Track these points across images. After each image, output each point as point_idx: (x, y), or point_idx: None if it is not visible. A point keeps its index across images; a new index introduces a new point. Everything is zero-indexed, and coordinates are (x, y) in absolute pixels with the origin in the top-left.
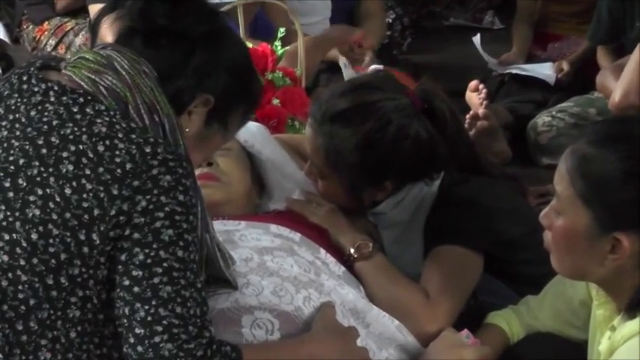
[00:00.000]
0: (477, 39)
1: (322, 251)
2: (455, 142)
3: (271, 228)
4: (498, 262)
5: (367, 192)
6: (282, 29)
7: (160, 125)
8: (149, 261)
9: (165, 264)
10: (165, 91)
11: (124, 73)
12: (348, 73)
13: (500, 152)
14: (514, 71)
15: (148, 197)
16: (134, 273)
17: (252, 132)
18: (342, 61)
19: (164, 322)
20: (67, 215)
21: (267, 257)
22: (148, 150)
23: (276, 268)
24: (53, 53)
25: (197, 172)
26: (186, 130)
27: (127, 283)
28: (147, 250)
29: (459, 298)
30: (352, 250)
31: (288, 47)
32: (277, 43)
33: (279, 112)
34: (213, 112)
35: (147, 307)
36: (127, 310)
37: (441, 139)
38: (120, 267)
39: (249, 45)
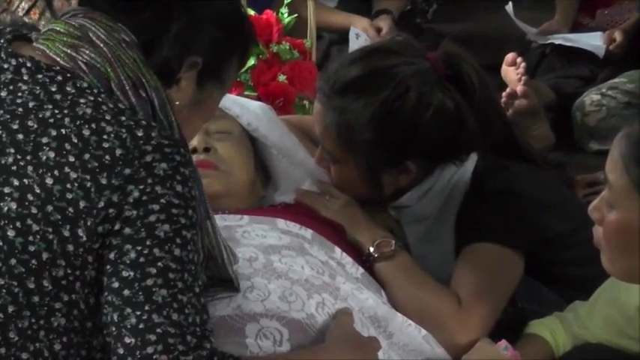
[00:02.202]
0: (509, 7)
1: (337, 250)
2: (486, 115)
3: (278, 223)
4: (541, 262)
5: (387, 175)
6: None
7: (149, 102)
8: (142, 260)
9: (160, 263)
10: (149, 61)
11: (101, 45)
12: (358, 44)
13: (542, 136)
14: (557, 42)
15: (141, 187)
16: (124, 274)
17: (255, 113)
18: (354, 30)
19: (158, 330)
20: (49, 208)
21: (274, 257)
22: (140, 134)
23: (285, 270)
24: (25, 19)
25: (193, 159)
26: (177, 103)
27: (116, 285)
28: (139, 248)
29: (495, 305)
30: (372, 249)
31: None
32: (283, 10)
33: (285, 90)
34: (204, 72)
35: (139, 313)
36: (115, 317)
37: (469, 111)
38: (108, 267)
39: (251, 12)
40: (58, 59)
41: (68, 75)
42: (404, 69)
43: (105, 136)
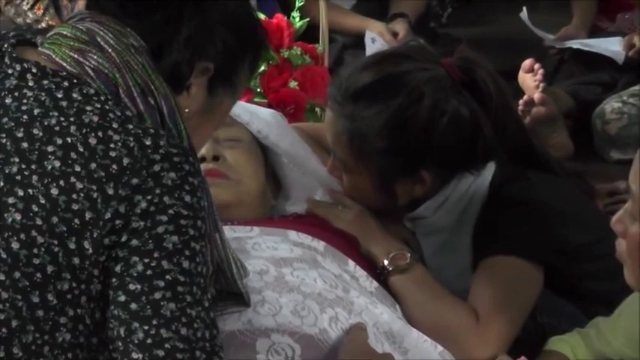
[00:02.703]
0: (524, 14)
1: (351, 263)
2: (502, 122)
3: (290, 235)
4: (561, 276)
5: (401, 185)
6: None
7: (157, 109)
8: (149, 272)
9: (168, 276)
10: (158, 67)
11: (109, 50)
12: (375, 48)
13: (560, 144)
14: (575, 47)
15: (149, 197)
16: (131, 287)
17: (266, 121)
18: (370, 35)
19: (167, 345)
20: (54, 220)
21: (285, 270)
22: (148, 142)
23: (297, 283)
24: (29, 13)
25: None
26: (186, 110)
27: (122, 298)
28: (147, 260)
29: (515, 320)
30: (386, 262)
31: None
32: (295, 14)
33: (296, 97)
34: (215, 78)
35: (146, 328)
36: (122, 331)
37: (485, 118)
38: (114, 280)
39: (261, 16)
40: (65, 64)
41: (75, 81)
42: (418, 75)
43: (112, 145)
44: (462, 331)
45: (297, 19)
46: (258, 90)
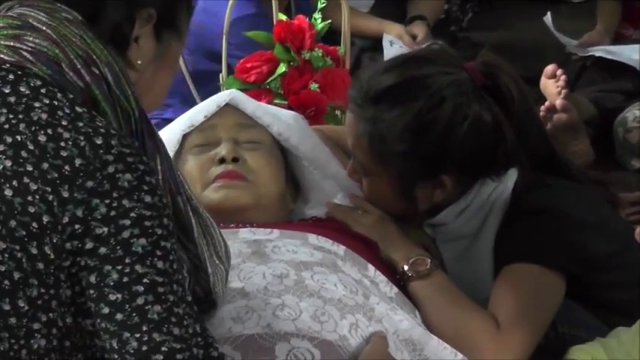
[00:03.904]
0: (547, 19)
1: (371, 268)
2: (525, 128)
3: (310, 238)
4: (583, 285)
5: (421, 190)
6: None
7: (103, 79)
8: (126, 279)
9: (145, 280)
10: (97, 32)
11: (44, 28)
12: (393, 52)
13: (581, 152)
14: (598, 54)
15: (107, 201)
16: (112, 297)
17: (287, 123)
18: (388, 37)
19: (163, 348)
20: (12, 224)
21: (305, 274)
22: (99, 142)
23: (317, 288)
24: None
25: (220, 169)
26: (139, 62)
27: (106, 310)
28: (120, 267)
29: (535, 329)
30: (406, 267)
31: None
32: (317, 15)
33: (317, 99)
34: (159, 23)
35: (138, 336)
36: (115, 344)
37: (507, 123)
38: (92, 292)
39: (282, 17)
40: (2, 55)
41: (19, 72)
42: (440, 79)
43: (62, 144)
44: (482, 340)
45: (319, 20)
46: (279, 91)
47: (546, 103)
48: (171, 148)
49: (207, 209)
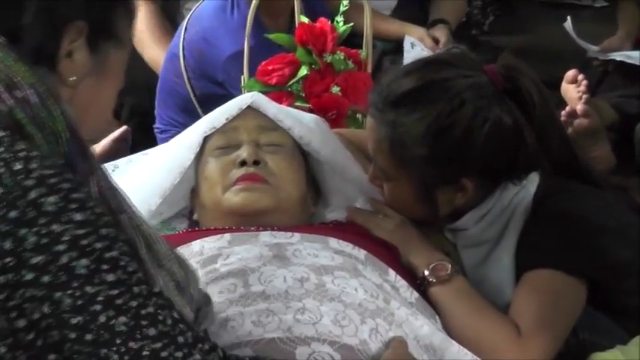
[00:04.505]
0: (568, 24)
1: (391, 273)
2: (545, 132)
3: (331, 242)
4: (603, 291)
5: (442, 194)
6: (345, 2)
7: (26, 101)
8: (80, 302)
9: (100, 297)
10: (20, 53)
11: None
12: (414, 54)
13: (602, 157)
14: (619, 59)
15: (36, 229)
16: (73, 321)
17: (308, 127)
18: (409, 40)
19: (144, 353)
20: None
21: (326, 278)
22: (18, 167)
23: (338, 292)
24: None
25: (241, 172)
26: (72, 78)
27: (73, 335)
28: (70, 292)
29: (556, 335)
30: (426, 272)
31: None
32: (339, 18)
33: (339, 102)
34: (92, 33)
35: (115, 349)
36: None
37: (528, 127)
38: (51, 321)
39: (304, 20)
40: None
41: None
42: (460, 82)
43: None
44: (502, 346)
45: (341, 23)
46: (300, 94)
47: (567, 108)
48: (192, 149)
49: (228, 212)
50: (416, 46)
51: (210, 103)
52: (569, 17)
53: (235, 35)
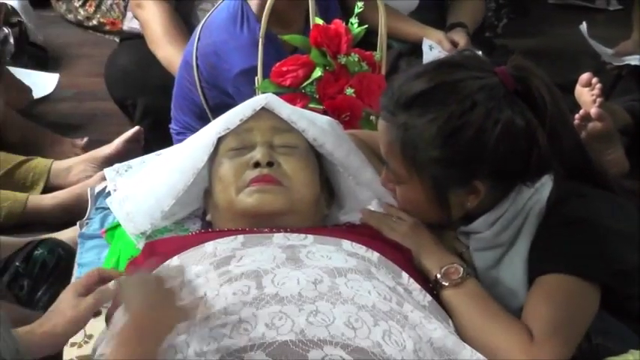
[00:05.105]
0: (583, 27)
1: (405, 276)
2: (557, 133)
3: (344, 245)
4: (616, 296)
5: (455, 196)
6: (360, 3)
7: None
8: None
9: None
10: None
11: None
12: (432, 57)
13: (616, 161)
14: (633, 63)
15: None
16: None
17: (322, 129)
18: (427, 42)
19: None
20: None
21: (339, 280)
22: None
23: (351, 295)
24: (80, 10)
25: (255, 173)
26: None
27: None
28: None
29: (570, 340)
30: (439, 276)
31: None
32: (353, 20)
33: (352, 104)
34: None
35: None
36: None
37: (541, 129)
38: None
39: (319, 22)
40: None
41: None
42: (471, 83)
43: None
44: (514, 350)
45: (356, 25)
46: (314, 96)
47: (581, 112)
48: (206, 150)
49: (242, 213)
50: (434, 49)
51: (222, 112)
52: (584, 22)
53: (245, 51)
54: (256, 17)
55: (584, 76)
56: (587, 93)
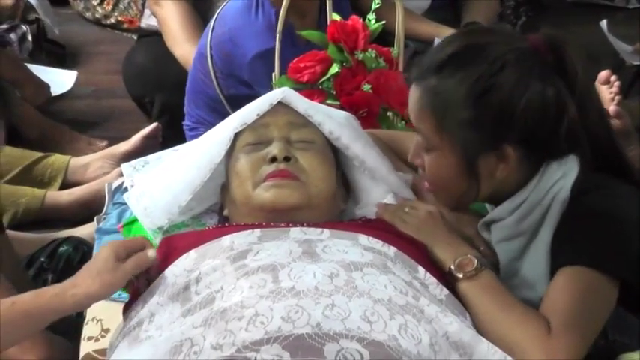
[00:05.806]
0: (603, 24)
1: (421, 270)
2: (585, 108)
3: (360, 239)
4: (634, 292)
5: (484, 163)
6: (377, 0)
7: None
8: None
9: None
10: None
11: None
12: None
13: (633, 159)
14: None
15: None
16: None
17: (339, 122)
18: (439, 40)
19: None
20: None
21: (356, 274)
22: None
23: (368, 288)
24: (98, 8)
25: (272, 168)
26: None
27: None
28: None
29: (587, 335)
30: (453, 267)
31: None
32: (371, 16)
33: (370, 100)
34: None
35: None
36: None
37: (571, 100)
38: None
39: (336, 17)
40: None
41: None
42: (502, 47)
43: None
44: (531, 343)
45: (373, 21)
46: (332, 92)
47: None
48: (222, 146)
49: (258, 208)
50: None
51: (238, 103)
52: (604, 19)
53: (260, 35)
54: (271, 2)
55: (603, 74)
56: (605, 91)
